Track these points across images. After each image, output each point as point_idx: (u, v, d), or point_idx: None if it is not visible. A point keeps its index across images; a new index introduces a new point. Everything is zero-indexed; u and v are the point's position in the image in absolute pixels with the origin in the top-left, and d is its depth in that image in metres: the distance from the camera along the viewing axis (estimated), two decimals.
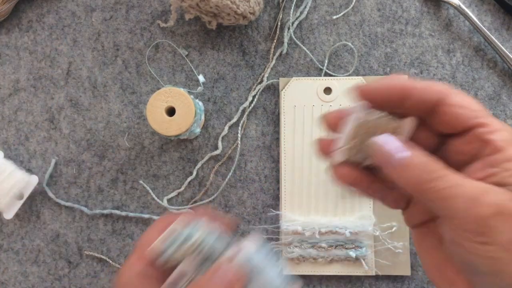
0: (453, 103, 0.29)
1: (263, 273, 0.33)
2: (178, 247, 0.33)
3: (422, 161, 0.28)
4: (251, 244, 0.33)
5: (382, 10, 0.52)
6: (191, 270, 0.33)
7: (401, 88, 0.29)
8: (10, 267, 0.53)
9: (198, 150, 0.53)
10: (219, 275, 0.31)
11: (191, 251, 0.33)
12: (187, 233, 0.33)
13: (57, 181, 0.53)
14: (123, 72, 0.53)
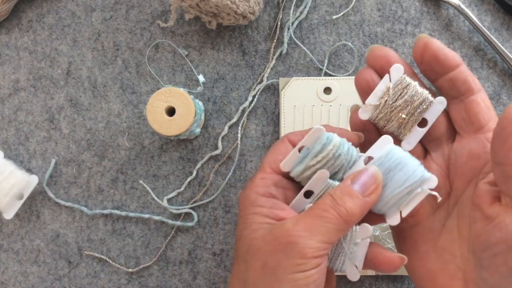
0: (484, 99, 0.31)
1: (399, 170, 0.32)
2: (314, 156, 0.32)
3: None
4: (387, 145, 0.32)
5: (382, 10, 0.52)
6: (324, 182, 0.33)
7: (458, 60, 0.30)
8: (10, 267, 0.53)
9: (198, 150, 0.53)
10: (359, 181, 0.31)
11: (327, 160, 0.32)
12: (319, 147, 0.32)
13: (57, 181, 0.53)
14: (123, 72, 0.53)
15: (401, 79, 0.30)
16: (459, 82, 0.30)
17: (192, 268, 0.52)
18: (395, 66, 0.30)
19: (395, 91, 0.30)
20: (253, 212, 0.33)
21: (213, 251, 0.52)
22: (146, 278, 0.52)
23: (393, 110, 0.30)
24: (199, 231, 0.52)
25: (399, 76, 0.30)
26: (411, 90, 0.30)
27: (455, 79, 0.30)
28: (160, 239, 0.52)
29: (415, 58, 0.31)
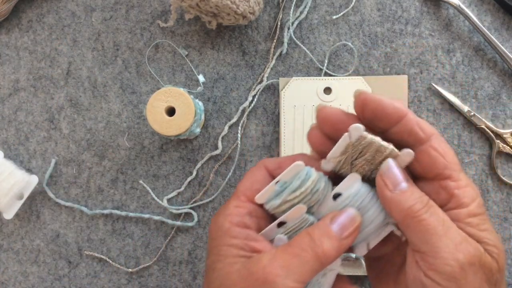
0: (436, 147, 0.30)
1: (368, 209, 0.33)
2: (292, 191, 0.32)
3: (419, 193, 0.29)
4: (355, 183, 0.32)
5: (382, 10, 0.52)
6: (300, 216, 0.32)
7: (401, 111, 0.30)
8: (10, 267, 0.53)
9: (198, 150, 0.53)
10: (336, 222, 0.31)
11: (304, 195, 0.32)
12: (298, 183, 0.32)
13: (57, 181, 0.53)
14: (123, 72, 0.53)
15: (361, 138, 0.30)
16: (405, 134, 0.30)
17: (192, 268, 0.52)
18: (354, 126, 0.30)
19: (355, 150, 0.30)
20: (228, 244, 0.32)
21: None
22: (146, 278, 0.52)
23: (354, 166, 0.31)
24: (199, 231, 0.52)
25: (358, 135, 0.30)
26: (373, 148, 0.30)
27: (401, 132, 0.30)
28: (160, 239, 0.52)
29: (357, 115, 0.31)
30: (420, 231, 0.28)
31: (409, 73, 0.51)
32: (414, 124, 0.30)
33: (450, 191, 0.29)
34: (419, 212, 0.28)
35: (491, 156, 0.50)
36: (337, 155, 0.31)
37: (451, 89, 0.51)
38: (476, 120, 0.50)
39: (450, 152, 0.30)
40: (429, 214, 0.28)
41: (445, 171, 0.30)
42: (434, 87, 0.51)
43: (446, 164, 0.29)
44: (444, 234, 0.27)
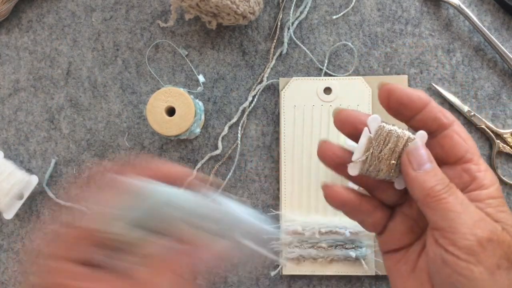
0: (459, 131, 0.31)
1: (243, 220, 0.33)
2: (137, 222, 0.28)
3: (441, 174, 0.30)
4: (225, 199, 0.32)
5: (382, 10, 0.52)
6: None
7: (425, 99, 0.31)
8: (10, 267, 0.53)
9: (198, 150, 0.53)
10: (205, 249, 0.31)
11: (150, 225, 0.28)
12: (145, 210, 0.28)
13: (57, 181, 0.53)
14: (123, 72, 0.53)
15: (380, 128, 0.31)
16: (430, 121, 0.31)
17: None
18: (372, 117, 0.31)
19: (378, 142, 0.31)
20: None
21: None
22: None
23: (381, 160, 0.31)
24: None
25: (377, 126, 0.31)
26: (393, 135, 0.31)
27: (425, 119, 0.31)
28: None
29: (382, 106, 0.32)
30: (439, 209, 0.29)
31: (409, 73, 0.51)
32: (438, 111, 0.31)
33: (472, 173, 0.31)
34: (440, 192, 0.29)
35: (491, 156, 0.50)
36: (361, 153, 0.31)
37: (451, 89, 0.51)
38: (476, 120, 0.50)
39: (470, 138, 0.32)
40: (449, 194, 0.29)
41: (467, 155, 0.31)
42: (434, 87, 0.51)
43: (467, 148, 0.31)
44: (463, 212, 0.29)
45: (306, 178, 0.50)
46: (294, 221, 0.50)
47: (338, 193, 0.33)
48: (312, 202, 0.50)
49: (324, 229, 0.49)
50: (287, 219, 0.50)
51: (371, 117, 0.31)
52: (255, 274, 0.52)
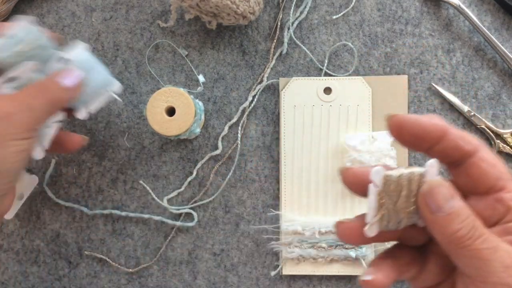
0: (485, 158, 0.28)
1: (93, 69, 0.43)
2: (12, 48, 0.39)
3: (468, 214, 0.26)
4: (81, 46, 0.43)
5: (382, 10, 0.52)
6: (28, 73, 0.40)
7: (442, 127, 0.28)
8: (10, 267, 0.53)
9: (198, 150, 0.53)
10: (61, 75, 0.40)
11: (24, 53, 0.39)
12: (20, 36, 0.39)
13: (57, 181, 0.53)
14: (123, 72, 0.53)
15: (387, 179, 0.27)
16: (451, 150, 0.28)
17: (192, 268, 0.52)
18: (375, 170, 0.27)
19: (389, 194, 0.27)
20: None
21: (213, 251, 0.52)
22: (146, 278, 0.52)
23: (398, 211, 0.28)
24: (199, 231, 0.52)
25: (382, 177, 0.27)
26: (404, 180, 0.27)
27: (445, 149, 0.28)
28: (160, 239, 0.52)
29: (395, 139, 0.29)
30: (465, 257, 0.26)
31: (409, 73, 0.51)
32: (458, 139, 0.28)
33: (506, 203, 0.27)
34: (464, 238, 0.26)
35: None
36: (375, 212, 0.28)
37: (451, 89, 0.51)
38: (476, 120, 0.50)
39: (499, 163, 0.28)
40: (474, 239, 0.26)
41: (498, 183, 0.28)
42: (434, 87, 0.51)
43: (498, 175, 0.28)
44: (492, 258, 0.26)
45: (306, 178, 0.50)
46: (294, 221, 0.50)
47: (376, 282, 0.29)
48: (312, 202, 0.50)
49: (324, 229, 0.49)
50: (287, 219, 0.50)
51: (373, 170, 0.27)
52: (255, 274, 0.52)
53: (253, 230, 0.52)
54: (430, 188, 0.26)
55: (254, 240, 0.52)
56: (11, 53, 0.39)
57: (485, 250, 0.26)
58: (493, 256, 0.26)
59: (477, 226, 0.26)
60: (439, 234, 0.27)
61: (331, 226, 0.49)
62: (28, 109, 0.38)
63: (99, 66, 0.44)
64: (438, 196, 0.26)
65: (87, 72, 0.42)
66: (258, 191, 0.52)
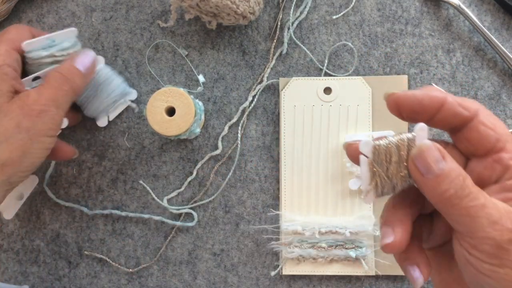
0: (484, 121, 0.29)
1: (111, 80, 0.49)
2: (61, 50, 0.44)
3: (457, 174, 0.28)
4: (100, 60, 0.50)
5: (382, 10, 0.52)
6: None
7: (438, 99, 0.29)
8: (10, 267, 0.53)
9: (198, 150, 0.53)
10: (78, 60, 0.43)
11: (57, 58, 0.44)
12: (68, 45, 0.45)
13: (57, 181, 0.53)
14: (123, 72, 0.53)
15: (376, 148, 0.28)
16: (450, 118, 0.29)
17: (192, 268, 0.52)
18: (363, 143, 0.29)
19: (380, 163, 0.29)
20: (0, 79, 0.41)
21: (213, 251, 0.52)
22: (146, 278, 0.52)
23: (391, 178, 0.29)
24: (199, 231, 0.52)
25: (371, 148, 0.29)
26: (393, 148, 0.28)
27: (445, 118, 0.29)
28: (160, 239, 0.52)
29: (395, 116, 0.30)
30: (454, 215, 0.28)
31: (409, 73, 0.51)
32: (456, 106, 0.29)
33: (505, 163, 0.29)
34: (451, 198, 0.27)
35: None
36: (368, 181, 0.29)
37: (451, 89, 0.51)
38: None
39: (499, 124, 0.29)
40: (462, 198, 0.27)
41: (497, 144, 0.29)
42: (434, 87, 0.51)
43: (497, 136, 0.29)
44: (479, 215, 0.27)
45: (306, 178, 0.50)
46: (294, 221, 0.50)
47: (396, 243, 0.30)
48: (312, 202, 0.50)
49: (324, 229, 0.49)
50: (287, 219, 0.50)
51: (361, 143, 0.29)
52: (255, 274, 0.52)
53: (253, 230, 0.52)
54: (419, 152, 0.28)
55: (254, 240, 0.52)
56: (49, 53, 0.44)
57: (473, 207, 0.27)
58: (480, 213, 0.27)
59: (465, 186, 0.27)
60: (430, 195, 0.28)
61: (331, 226, 0.49)
62: (55, 106, 0.41)
63: (117, 78, 0.50)
64: (427, 159, 0.28)
65: (108, 84, 0.49)
66: (258, 191, 0.52)
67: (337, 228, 0.49)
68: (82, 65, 0.43)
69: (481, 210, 0.27)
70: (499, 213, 0.27)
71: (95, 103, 0.49)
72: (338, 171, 0.50)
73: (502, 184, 0.29)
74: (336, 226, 0.49)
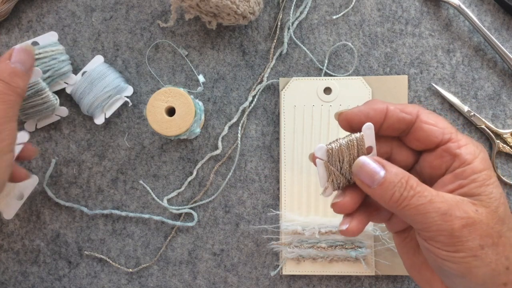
0: (426, 120, 0.32)
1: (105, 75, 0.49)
2: None
3: (400, 178, 0.30)
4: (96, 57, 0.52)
5: (382, 10, 0.52)
6: None
7: (381, 109, 0.32)
8: (10, 267, 0.53)
9: (198, 150, 0.53)
10: None
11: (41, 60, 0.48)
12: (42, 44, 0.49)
13: (57, 181, 0.53)
14: (123, 72, 0.53)
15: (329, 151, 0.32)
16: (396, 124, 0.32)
17: (192, 268, 0.52)
18: (317, 148, 0.32)
19: (334, 163, 0.32)
20: None
21: (213, 251, 0.52)
22: (146, 278, 0.52)
23: (345, 173, 0.33)
24: (199, 231, 0.52)
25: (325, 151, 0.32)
26: (344, 149, 0.32)
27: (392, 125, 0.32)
28: (160, 239, 0.52)
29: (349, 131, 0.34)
30: (407, 216, 0.30)
31: (409, 73, 0.51)
32: (398, 112, 0.32)
33: (452, 152, 0.31)
34: (400, 200, 0.30)
35: (491, 156, 0.50)
36: (325, 180, 0.33)
37: (451, 89, 0.51)
38: (476, 120, 0.50)
39: (440, 120, 0.32)
40: (409, 198, 0.29)
41: (444, 137, 0.32)
42: (434, 87, 0.51)
43: (441, 130, 0.32)
44: (428, 210, 0.29)
45: (306, 178, 0.50)
46: (294, 221, 0.50)
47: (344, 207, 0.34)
48: (312, 202, 0.50)
49: (324, 229, 0.49)
50: (287, 219, 0.50)
51: (317, 148, 0.32)
52: (255, 274, 0.52)
53: (253, 230, 0.52)
54: (358, 168, 0.31)
55: (254, 240, 0.52)
56: None
57: (421, 205, 0.29)
58: (429, 208, 0.29)
59: (410, 186, 0.30)
60: (381, 202, 0.31)
61: (331, 226, 0.49)
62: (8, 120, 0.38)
63: (112, 74, 0.50)
64: (367, 173, 0.31)
65: (102, 79, 0.50)
66: (258, 191, 0.52)
67: (337, 228, 0.49)
68: (19, 62, 0.39)
69: (429, 206, 0.29)
70: (447, 204, 0.29)
71: (90, 98, 0.50)
72: None
73: (454, 173, 0.31)
74: (336, 226, 0.49)
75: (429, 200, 0.29)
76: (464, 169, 0.31)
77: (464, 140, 0.32)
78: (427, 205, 0.29)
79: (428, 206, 0.29)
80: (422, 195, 0.29)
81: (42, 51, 0.49)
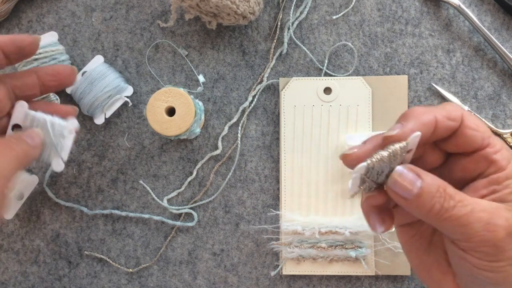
0: (470, 125, 0.30)
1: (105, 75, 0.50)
2: None
3: (437, 187, 0.28)
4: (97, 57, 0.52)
5: (382, 10, 0.52)
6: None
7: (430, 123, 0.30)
8: (10, 267, 0.53)
9: (198, 150, 0.53)
10: None
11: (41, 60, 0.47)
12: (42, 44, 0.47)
13: (57, 181, 0.53)
14: (123, 72, 0.53)
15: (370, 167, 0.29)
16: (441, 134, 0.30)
17: (192, 268, 0.52)
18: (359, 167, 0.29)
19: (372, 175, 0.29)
20: None
21: (213, 251, 0.52)
22: (146, 278, 0.52)
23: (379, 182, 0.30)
24: (199, 231, 0.52)
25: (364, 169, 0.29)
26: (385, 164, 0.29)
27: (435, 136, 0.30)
28: (160, 239, 0.52)
29: None
30: (448, 227, 0.29)
31: (409, 73, 0.51)
32: (446, 122, 0.30)
33: (490, 157, 0.30)
34: (440, 212, 0.28)
35: None
36: (357, 186, 0.30)
37: (451, 89, 0.51)
38: None
39: (481, 123, 0.31)
40: (450, 210, 0.28)
41: (483, 142, 0.30)
42: (434, 87, 0.51)
43: (482, 135, 0.30)
44: (470, 221, 0.28)
45: (306, 178, 0.50)
46: (294, 221, 0.50)
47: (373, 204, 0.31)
48: (312, 202, 0.50)
49: (324, 229, 0.49)
50: (287, 219, 0.50)
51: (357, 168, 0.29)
52: (255, 274, 0.52)
53: (253, 230, 0.52)
54: (393, 181, 0.29)
55: (254, 240, 0.52)
56: None
57: (463, 216, 0.28)
58: (471, 219, 0.28)
59: (449, 196, 0.28)
60: (419, 214, 0.29)
61: (331, 226, 0.49)
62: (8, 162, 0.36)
63: (112, 74, 0.51)
64: (403, 183, 0.29)
65: (102, 79, 0.50)
66: (258, 191, 0.52)
67: (337, 228, 0.49)
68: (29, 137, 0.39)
69: (471, 216, 0.28)
70: (488, 213, 0.28)
71: (90, 98, 0.50)
72: (338, 171, 0.50)
73: (489, 179, 0.30)
74: (336, 226, 0.49)
75: (470, 210, 0.28)
76: (499, 175, 0.30)
77: (499, 145, 0.31)
78: (469, 215, 0.28)
79: (470, 217, 0.28)
80: (463, 205, 0.28)
81: (42, 51, 0.49)
